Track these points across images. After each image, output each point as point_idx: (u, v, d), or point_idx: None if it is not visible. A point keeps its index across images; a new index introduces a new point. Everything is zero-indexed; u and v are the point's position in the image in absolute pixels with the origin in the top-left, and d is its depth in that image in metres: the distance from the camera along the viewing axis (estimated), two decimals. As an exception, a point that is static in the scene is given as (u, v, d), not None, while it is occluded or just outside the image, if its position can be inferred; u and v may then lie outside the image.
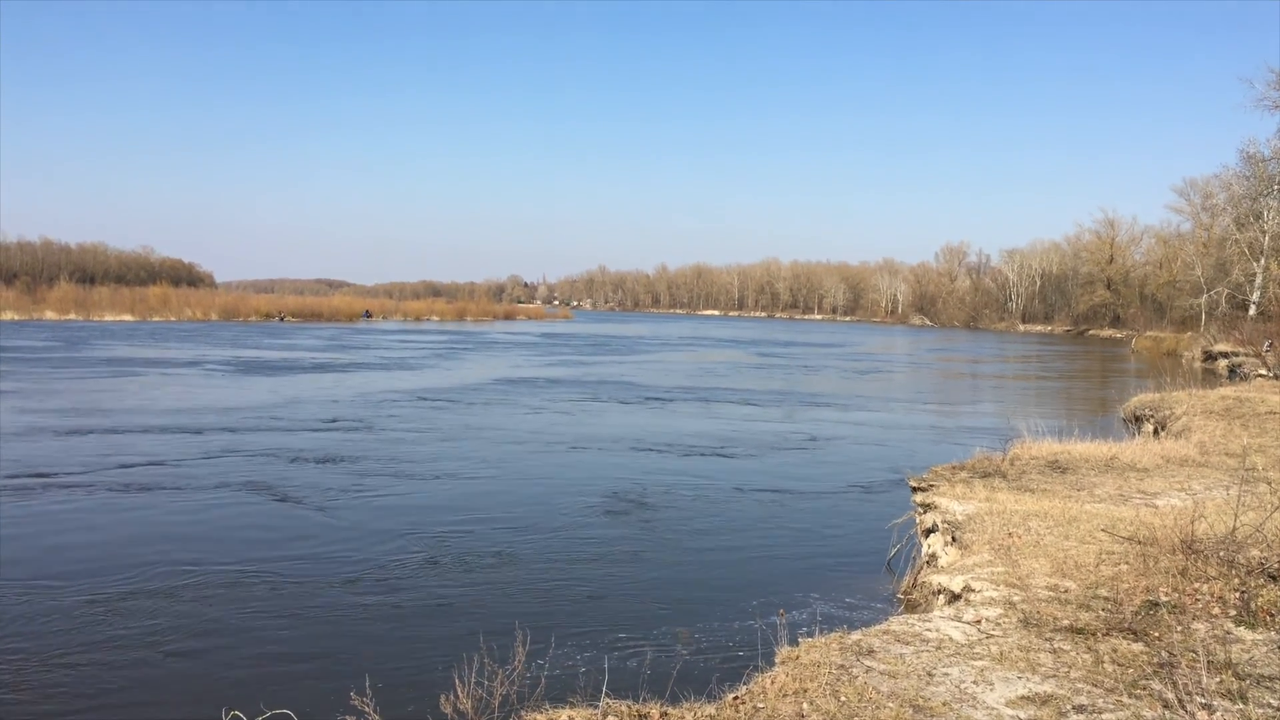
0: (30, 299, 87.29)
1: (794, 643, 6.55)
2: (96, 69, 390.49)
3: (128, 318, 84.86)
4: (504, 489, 15.49)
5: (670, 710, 5.48)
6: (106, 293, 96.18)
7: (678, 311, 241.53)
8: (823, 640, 6.52)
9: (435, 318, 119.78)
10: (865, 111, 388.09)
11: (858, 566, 11.62)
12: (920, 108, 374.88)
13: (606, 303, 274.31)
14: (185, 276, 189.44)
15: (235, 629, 8.81)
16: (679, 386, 34.67)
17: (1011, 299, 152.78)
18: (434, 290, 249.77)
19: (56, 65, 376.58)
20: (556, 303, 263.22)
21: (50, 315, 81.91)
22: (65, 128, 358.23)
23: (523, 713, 5.60)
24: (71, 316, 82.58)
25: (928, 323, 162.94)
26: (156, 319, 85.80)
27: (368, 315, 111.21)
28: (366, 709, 5.54)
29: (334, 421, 22.29)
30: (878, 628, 6.95)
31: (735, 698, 5.60)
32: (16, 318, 79.32)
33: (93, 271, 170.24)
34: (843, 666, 5.91)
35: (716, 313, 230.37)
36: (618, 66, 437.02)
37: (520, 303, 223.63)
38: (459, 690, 5.78)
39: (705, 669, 7.93)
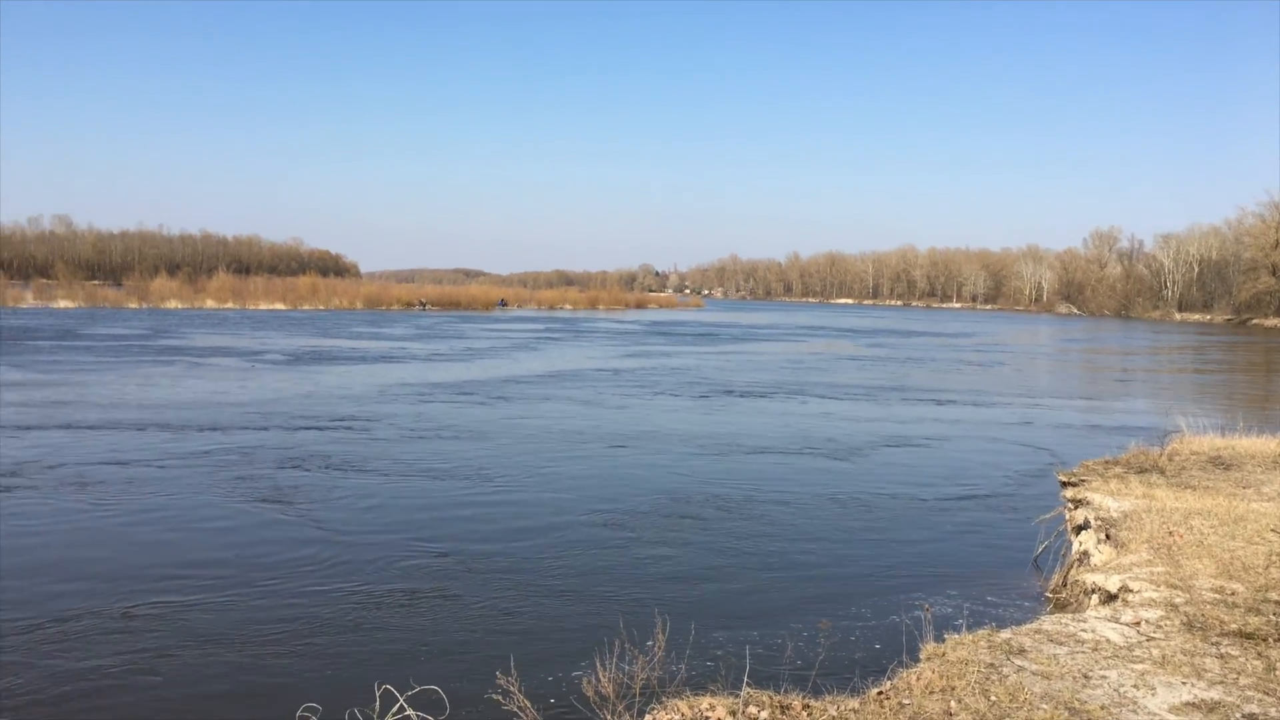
0: (192, 289, 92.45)
1: (939, 639, 6.42)
2: (255, 74, 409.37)
3: (279, 306, 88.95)
4: (634, 477, 15.60)
5: (813, 702, 5.43)
6: (260, 282, 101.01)
7: (810, 300, 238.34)
8: (970, 637, 6.36)
9: (568, 306, 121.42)
10: (1006, 95, 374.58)
11: (1002, 563, 11.27)
12: (1064, 91, 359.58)
13: (738, 291, 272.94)
14: (333, 267, 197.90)
15: (385, 608, 9.12)
16: (797, 381, 34.16)
17: (1167, 286, 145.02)
18: (567, 279, 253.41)
19: (224, 72, 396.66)
20: (688, 291, 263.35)
21: (210, 304, 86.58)
22: (225, 127, 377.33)
23: (664, 698, 5.63)
24: (229, 305, 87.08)
25: (1075, 311, 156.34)
26: (306, 307, 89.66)
27: (503, 304, 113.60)
28: (512, 688, 5.64)
29: (448, 411, 22.86)
30: (1029, 626, 6.74)
31: (879, 693, 5.52)
32: (179, 306, 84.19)
33: (248, 262, 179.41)
34: (992, 665, 5.76)
35: (850, 301, 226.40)
36: (752, 49, 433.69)
37: (651, 291, 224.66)
38: (600, 673, 5.83)
39: (847, 662, 7.88)
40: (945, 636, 6.46)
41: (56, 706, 6.89)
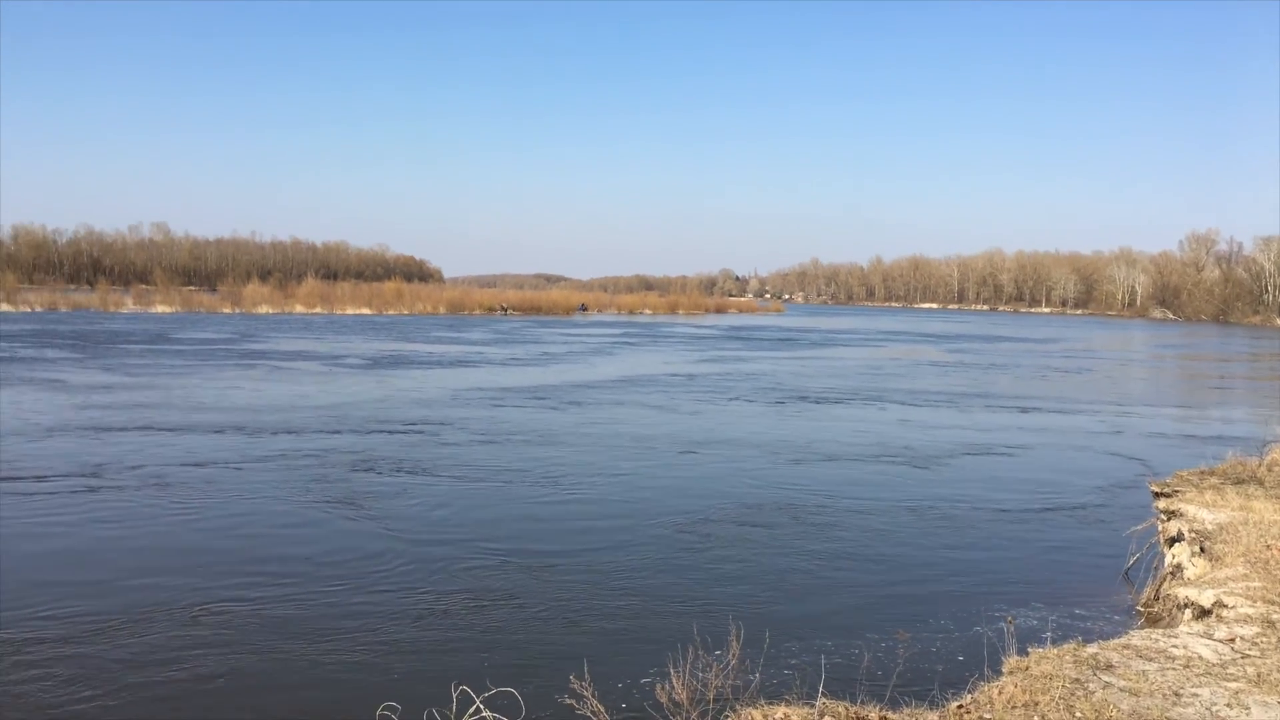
0: (282, 294, 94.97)
1: (1023, 652, 6.26)
2: (343, 81, 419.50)
3: (365, 311, 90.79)
4: (706, 484, 15.53)
5: (890, 714, 5.34)
6: (347, 288, 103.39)
7: (893, 305, 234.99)
8: (1055, 651, 6.19)
9: (648, 311, 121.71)
10: (1092, 96, 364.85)
11: (1090, 575, 10.94)
12: (1148, 93, 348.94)
13: (819, 296, 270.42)
14: (417, 272, 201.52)
15: (459, 610, 9.21)
16: (875, 387, 33.66)
17: (1268, 290, 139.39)
18: (646, 284, 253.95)
19: (312, 80, 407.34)
20: (768, 296, 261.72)
21: (299, 309, 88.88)
22: (313, 134, 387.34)
23: (738, 706, 5.59)
24: (317, 310, 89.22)
25: (1170, 316, 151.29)
26: (390, 312, 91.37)
27: (583, 309, 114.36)
28: (585, 692, 5.67)
29: (517, 416, 23.03)
30: (1116, 641, 6.53)
31: (959, 706, 5.39)
32: (270, 311, 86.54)
33: (335, 268, 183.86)
34: (1077, 680, 5.59)
35: (934, 306, 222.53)
36: (830, 48, 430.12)
37: (731, 296, 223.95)
38: (674, 680, 5.83)
39: (926, 674, 7.72)
40: (1029, 650, 6.29)
41: (136, 702, 7.06)
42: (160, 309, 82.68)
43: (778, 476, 15.98)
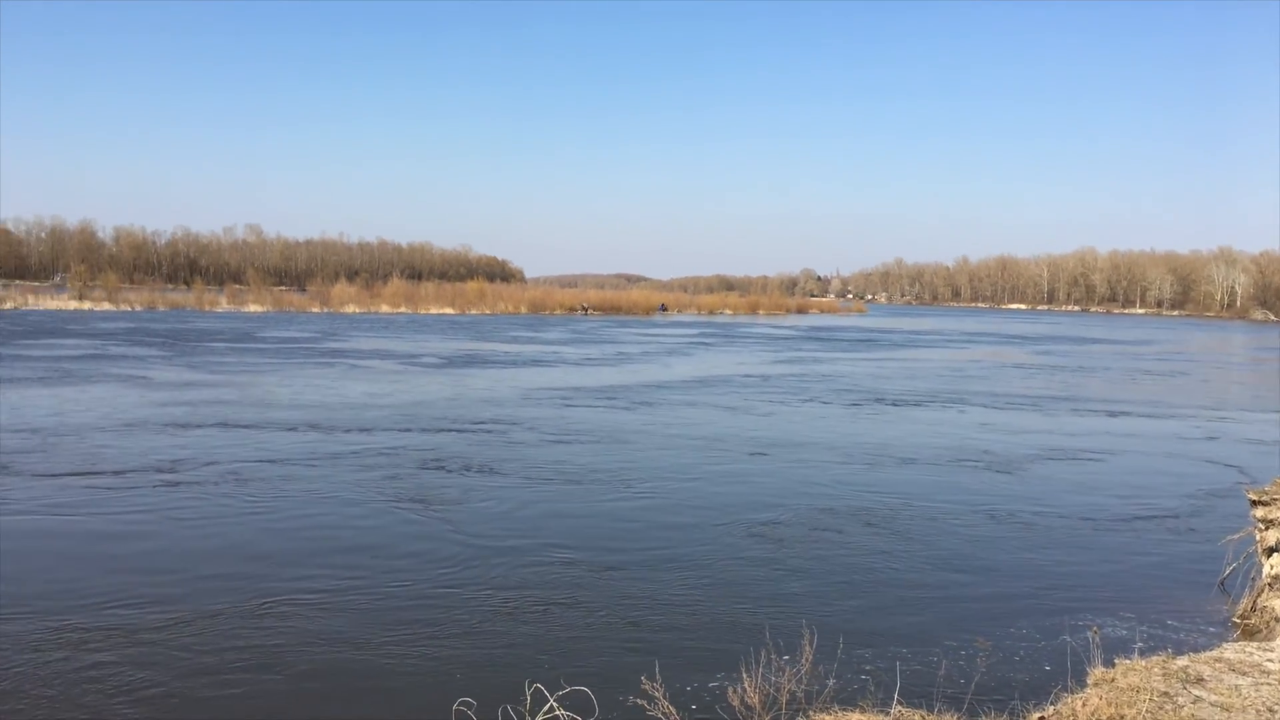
0: (368, 294, 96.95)
1: (1109, 663, 6.00)
2: (431, 81, 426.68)
3: (448, 311, 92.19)
4: (778, 486, 15.28)
5: (966, 724, 5.11)
6: (431, 288, 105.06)
7: (979, 305, 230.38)
8: (1143, 663, 5.89)
9: (728, 311, 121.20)
10: (1186, 94, 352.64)
11: (1183, 585, 10.43)
12: (1250, 91, 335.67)
13: (903, 296, 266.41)
14: (499, 272, 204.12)
15: (529, 609, 9.15)
16: (955, 389, 32.87)
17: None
18: (727, 284, 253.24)
19: (399, 80, 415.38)
20: (850, 296, 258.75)
21: (384, 309, 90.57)
22: (396, 136, 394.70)
23: (810, 712, 5.54)
24: (402, 310, 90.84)
25: (1271, 318, 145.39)
26: (473, 312, 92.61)
27: (663, 309, 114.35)
28: (656, 693, 5.67)
29: (591, 415, 22.97)
30: (1208, 654, 6.18)
31: (1040, 718, 5.14)
32: (356, 310, 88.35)
33: (420, 268, 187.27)
34: (1166, 694, 5.28)
35: (1022, 306, 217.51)
36: (913, 47, 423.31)
37: (813, 296, 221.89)
38: (746, 684, 5.84)
39: (1006, 684, 7.47)
40: (1115, 661, 6.04)
41: (207, 700, 7.10)
42: (252, 308, 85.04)
43: (851, 480, 15.64)
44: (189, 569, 10.11)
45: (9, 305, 74.92)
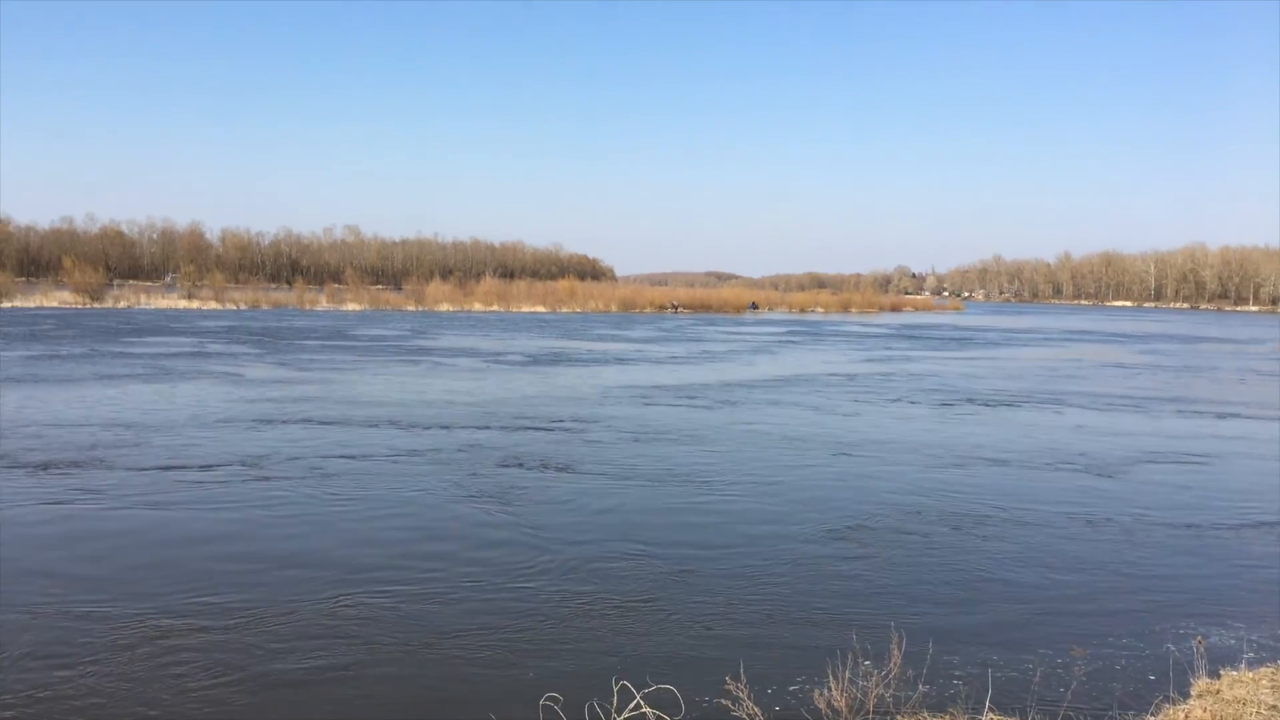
0: (462, 292, 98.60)
1: (1214, 675, 5.72)
2: (519, 82, 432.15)
3: (539, 309, 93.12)
4: (862, 488, 14.88)
5: (1063, 733, 4.84)
6: (523, 286, 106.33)
7: (1082, 303, 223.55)
8: (1250, 675, 5.56)
9: (819, 309, 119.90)
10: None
11: (1297, 596, 9.79)
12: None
13: (1001, 293, 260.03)
14: (589, 271, 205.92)
15: (612, 608, 9.06)
16: (1051, 390, 31.68)
17: None
18: (819, 282, 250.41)
19: (479, 80, 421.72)
20: (946, 294, 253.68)
21: (477, 307, 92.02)
22: (489, 136, 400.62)
23: (899, 717, 5.41)
24: (494, 308, 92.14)
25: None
26: (564, 310, 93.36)
27: (754, 307, 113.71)
28: (741, 694, 5.77)
29: (684, 415, 22.69)
30: (1316, 672, 5.68)
31: (1142, 728, 4.81)
32: (450, 308, 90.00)
33: (512, 267, 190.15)
34: (1275, 707, 4.94)
35: (1127, 304, 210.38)
36: (1018, 44, 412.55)
37: (907, 294, 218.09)
38: (833, 686, 5.89)
39: (1103, 694, 7.16)
40: (1221, 672, 5.74)
41: (285, 701, 7.09)
42: (350, 307, 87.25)
43: (939, 482, 15.14)
44: (270, 563, 10.24)
45: (123, 304, 78.27)
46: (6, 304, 72.42)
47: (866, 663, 6.49)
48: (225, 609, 8.75)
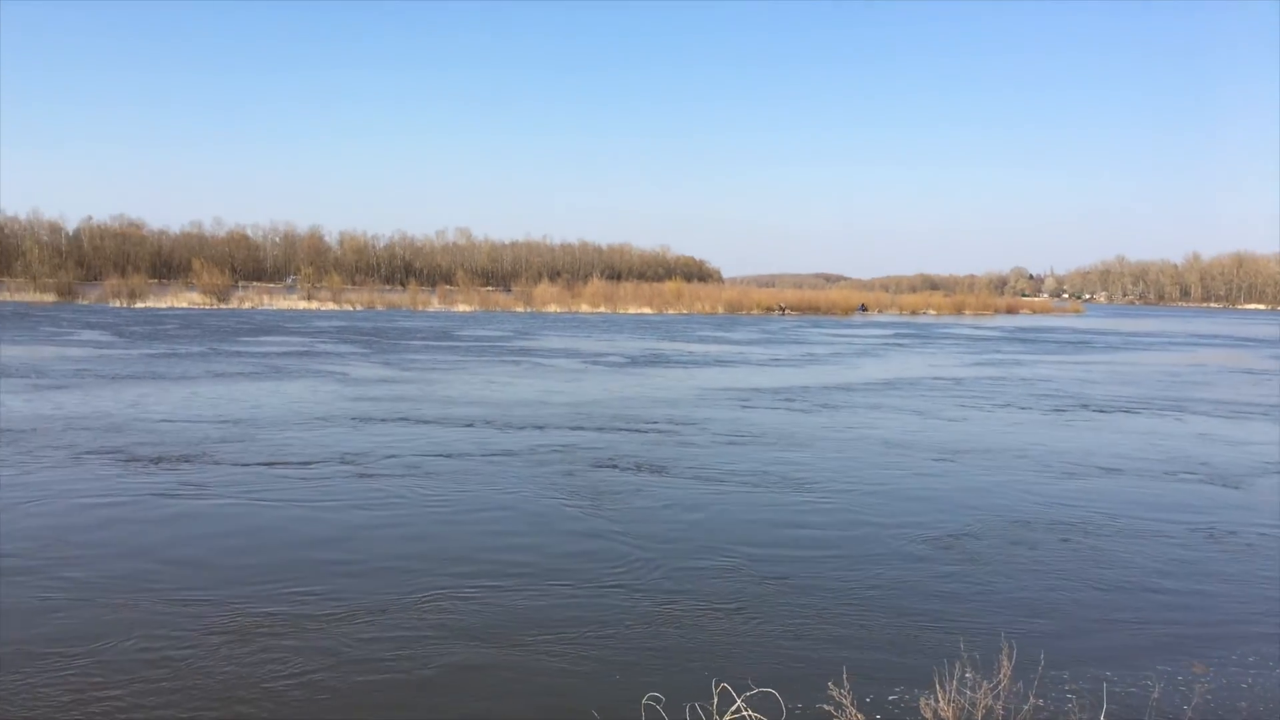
0: (569, 294, 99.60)
1: None
2: (638, 89, 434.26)
3: (646, 310, 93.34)
4: (966, 495, 14.41)
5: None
6: (629, 288, 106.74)
7: (1211, 306, 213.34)
8: None
9: (931, 311, 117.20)
10: None
11: None
12: None
13: (1125, 296, 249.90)
14: (696, 272, 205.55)
15: (711, 609, 8.98)
16: (1173, 396, 30.16)
17: None
18: (930, 283, 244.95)
19: (624, 88, 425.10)
20: (1065, 296, 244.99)
21: (584, 308, 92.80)
22: (616, 142, 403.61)
23: None
24: (601, 309, 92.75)
25: None
26: (670, 311, 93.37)
27: (863, 309, 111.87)
28: (844, 700, 5.71)
29: (782, 418, 22.31)
30: None
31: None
32: (558, 310, 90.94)
33: (619, 269, 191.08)
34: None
35: (1261, 307, 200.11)
36: (1150, 33, 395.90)
37: (1024, 296, 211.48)
38: (939, 695, 5.74)
39: (1228, 712, 6.91)
40: None
41: (382, 703, 7.10)
42: (461, 308, 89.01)
43: (1048, 490, 14.56)
44: (363, 559, 10.39)
45: (247, 305, 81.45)
46: (140, 304, 76.10)
47: (970, 673, 6.32)
48: (317, 604, 8.91)
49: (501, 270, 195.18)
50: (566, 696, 7.13)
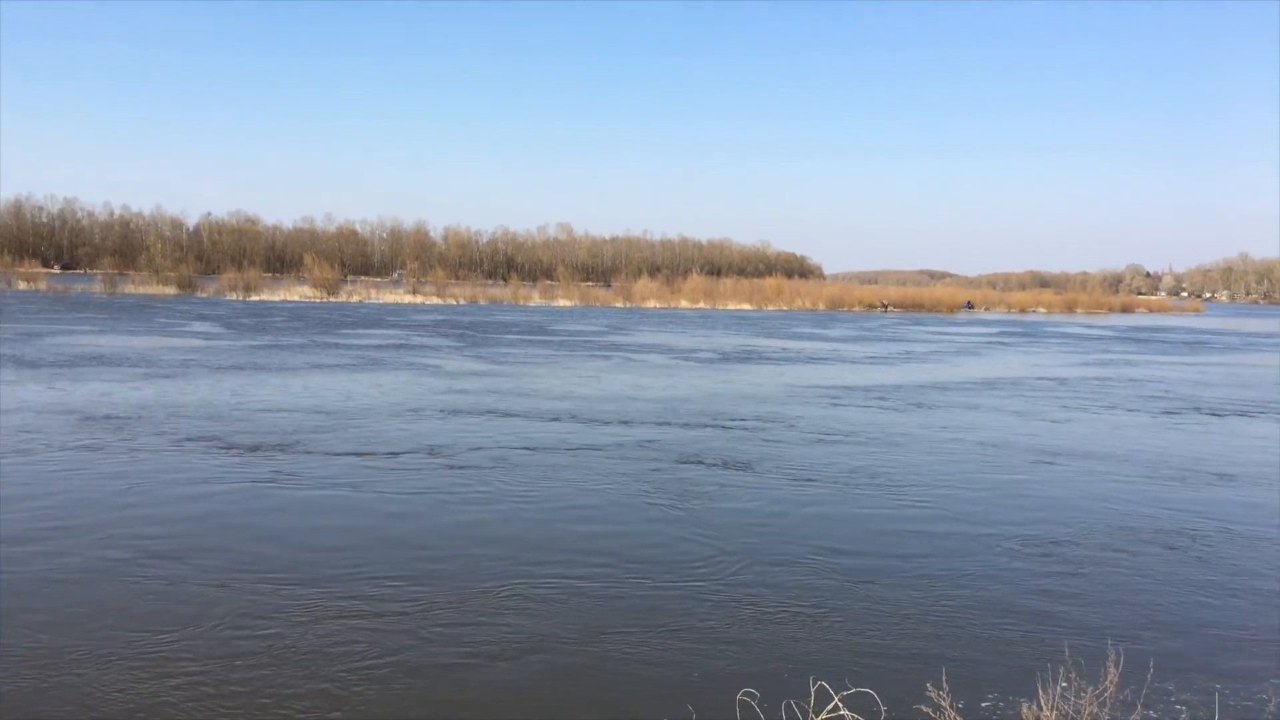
0: (669, 289, 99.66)
1: None
2: (756, 92, 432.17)
3: (745, 307, 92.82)
4: (1068, 499, 13.90)
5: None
6: (729, 284, 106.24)
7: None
8: None
9: (1041, 309, 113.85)
10: None
11: None
12: None
13: (1248, 295, 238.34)
14: (797, 269, 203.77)
15: (798, 611, 8.87)
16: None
17: None
18: (1041, 281, 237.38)
19: (698, 81, 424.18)
20: (1184, 294, 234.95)
21: (683, 304, 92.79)
22: (698, 132, 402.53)
23: None
24: (700, 305, 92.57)
25: None
26: (770, 308, 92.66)
27: (969, 306, 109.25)
28: (943, 703, 5.67)
29: (880, 416, 21.90)
30: None
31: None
32: (657, 305, 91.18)
33: (719, 265, 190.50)
34: None
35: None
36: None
37: (1140, 294, 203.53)
38: (1042, 700, 5.69)
39: None
40: None
41: (465, 699, 7.12)
42: (561, 302, 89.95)
43: (1154, 497, 13.96)
44: (446, 550, 10.54)
45: (355, 299, 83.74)
46: (255, 297, 78.98)
47: (1073, 679, 6.17)
48: (398, 592, 9.04)
49: (602, 265, 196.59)
50: (658, 690, 7.13)
